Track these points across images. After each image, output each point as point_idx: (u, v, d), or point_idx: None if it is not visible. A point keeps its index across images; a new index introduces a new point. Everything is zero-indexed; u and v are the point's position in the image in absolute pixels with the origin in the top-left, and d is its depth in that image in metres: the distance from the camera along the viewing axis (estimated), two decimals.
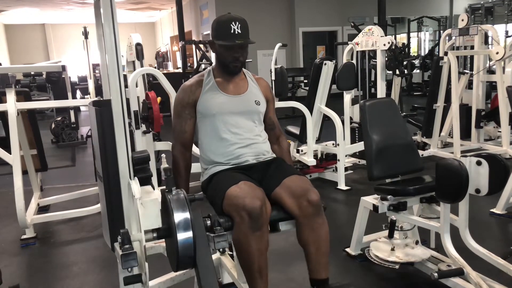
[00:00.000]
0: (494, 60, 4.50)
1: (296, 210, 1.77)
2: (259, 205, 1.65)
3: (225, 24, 1.90)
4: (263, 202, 1.68)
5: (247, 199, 1.65)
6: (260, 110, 2.04)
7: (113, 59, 1.29)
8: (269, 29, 10.47)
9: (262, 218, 1.66)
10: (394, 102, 2.72)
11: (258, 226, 1.65)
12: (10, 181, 3.25)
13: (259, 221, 1.65)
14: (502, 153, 4.50)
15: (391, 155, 2.39)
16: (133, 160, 1.40)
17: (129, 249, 1.29)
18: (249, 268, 1.72)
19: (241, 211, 1.64)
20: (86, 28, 6.31)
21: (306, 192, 1.77)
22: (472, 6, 11.88)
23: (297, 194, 1.78)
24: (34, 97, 7.36)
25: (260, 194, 1.71)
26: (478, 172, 1.99)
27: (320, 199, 1.78)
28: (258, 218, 1.65)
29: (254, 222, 1.64)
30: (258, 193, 1.71)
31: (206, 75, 2.02)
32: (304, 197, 1.76)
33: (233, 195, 1.69)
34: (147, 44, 15.75)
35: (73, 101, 5.97)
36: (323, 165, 4.40)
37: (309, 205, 1.75)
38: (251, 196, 1.66)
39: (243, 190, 1.69)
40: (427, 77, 11.12)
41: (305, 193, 1.77)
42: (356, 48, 4.33)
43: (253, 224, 1.64)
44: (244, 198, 1.65)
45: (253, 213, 1.63)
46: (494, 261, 2.10)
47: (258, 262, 1.70)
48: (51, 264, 2.90)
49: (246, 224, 1.64)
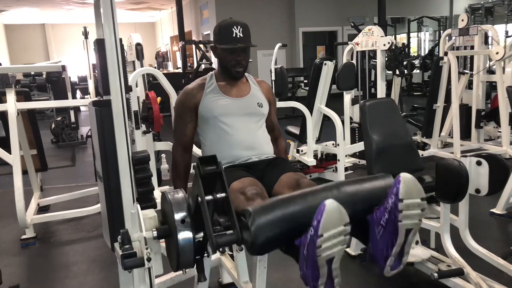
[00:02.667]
0: (494, 60, 4.50)
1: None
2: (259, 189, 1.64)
3: (227, 28, 1.90)
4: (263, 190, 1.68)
5: (247, 187, 1.63)
6: (263, 112, 2.04)
7: (113, 59, 1.29)
8: (269, 29, 10.47)
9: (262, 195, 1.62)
10: (394, 102, 2.72)
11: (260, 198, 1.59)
12: (10, 181, 3.26)
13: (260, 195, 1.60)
14: (502, 153, 4.50)
15: (391, 155, 2.39)
16: (133, 160, 1.39)
17: (129, 249, 1.29)
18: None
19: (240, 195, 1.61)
20: (86, 28, 6.30)
21: (297, 180, 1.75)
22: (472, 6, 11.89)
23: (292, 185, 1.76)
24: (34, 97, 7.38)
25: (260, 186, 1.71)
26: (478, 172, 2.00)
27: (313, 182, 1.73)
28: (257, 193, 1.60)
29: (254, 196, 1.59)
30: (258, 185, 1.71)
31: (208, 79, 2.02)
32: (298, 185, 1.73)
33: (235, 188, 1.68)
34: (147, 44, 15.74)
35: (73, 101, 5.96)
36: (323, 165, 4.40)
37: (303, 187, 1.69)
38: (253, 188, 1.64)
39: (245, 184, 1.69)
40: (427, 77, 11.12)
41: (297, 181, 1.74)
42: (356, 48, 4.33)
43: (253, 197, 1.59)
44: (245, 189, 1.63)
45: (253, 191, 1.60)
46: (494, 261, 2.10)
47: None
48: (51, 264, 2.90)
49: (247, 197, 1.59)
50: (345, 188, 1.36)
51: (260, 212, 1.25)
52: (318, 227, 1.17)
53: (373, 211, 1.34)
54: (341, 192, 1.34)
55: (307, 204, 1.29)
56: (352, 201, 1.34)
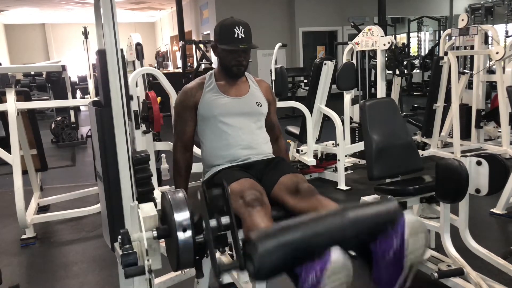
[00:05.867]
0: (494, 60, 4.50)
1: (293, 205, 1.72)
2: (258, 194, 1.63)
3: (229, 28, 1.90)
4: (262, 192, 1.67)
5: (246, 191, 1.63)
6: (262, 112, 2.04)
7: (113, 59, 1.29)
8: (269, 29, 10.46)
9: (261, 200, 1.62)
10: (394, 102, 2.72)
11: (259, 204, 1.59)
12: (10, 181, 3.26)
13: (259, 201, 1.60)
14: (502, 153, 4.50)
15: (391, 155, 2.39)
16: (133, 160, 1.40)
17: (129, 249, 1.29)
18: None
19: (239, 199, 1.61)
20: (86, 28, 6.30)
21: (297, 184, 1.74)
22: (472, 6, 11.87)
23: (291, 189, 1.75)
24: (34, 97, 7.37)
25: (259, 188, 1.70)
26: (478, 172, 2.00)
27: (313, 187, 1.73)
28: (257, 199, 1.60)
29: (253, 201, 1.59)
30: (258, 187, 1.70)
31: (208, 78, 2.02)
32: (296, 187, 1.72)
33: (234, 191, 1.67)
34: (147, 44, 15.74)
35: (73, 101, 5.97)
36: (323, 165, 4.40)
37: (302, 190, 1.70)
38: (252, 190, 1.64)
39: (243, 186, 1.68)
40: (427, 77, 11.12)
41: (297, 185, 1.73)
42: (356, 48, 4.33)
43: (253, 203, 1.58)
44: (244, 192, 1.63)
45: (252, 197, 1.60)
46: (494, 261, 2.10)
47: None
48: (51, 264, 2.90)
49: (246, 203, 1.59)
50: (349, 215, 1.35)
51: (263, 241, 1.24)
52: (321, 277, 1.19)
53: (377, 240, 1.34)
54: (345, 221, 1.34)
55: (311, 235, 1.29)
56: (356, 230, 1.35)
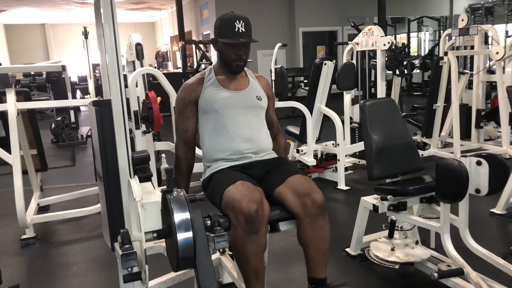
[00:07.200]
0: (494, 60, 4.50)
1: (299, 209, 1.76)
2: (255, 208, 1.64)
3: (229, 22, 1.90)
4: (260, 205, 1.67)
5: (244, 203, 1.64)
6: (262, 105, 2.05)
7: (113, 59, 1.29)
8: (269, 29, 10.46)
9: (258, 222, 1.66)
10: (394, 102, 2.73)
11: (254, 230, 1.65)
12: (10, 181, 3.26)
13: (255, 225, 1.65)
14: (502, 153, 4.50)
15: (391, 155, 2.39)
16: (133, 160, 1.39)
17: (129, 249, 1.29)
18: (245, 269, 1.72)
19: (238, 214, 1.64)
20: (86, 28, 6.31)
21: (311, 191, 1.76)
22: (472, 6, 11.87)
23: (301, 193, 1.76)
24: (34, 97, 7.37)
25: (257, 196, 1.69)
26: (478, 172, 2.00)
27: (324, 201, 1.77)
28: (254, 221, 1.64)
29: (250, 225, 1.63)
30: (255, 194, 1.70)
31: (207, 73, 2.03)
32: (309, 197, 1.75)
33: (230, 197, 1.68)
34: (147, 44, 15.75)
35: (73, 101, 5.95)
36: (323, 165, 4.39)
37: (313, 206, 1.74)
38: (248, 198, 1.65)
39: (240, 191, 1.68)
40: (427, 77, 11.12)
41: (310, 192, 1.76)
42: (356, 48, 4.32)
43: (249, 227, 1.63)
44: (241, 201, 1.64)
45: (250, 217, 1.63)
46: (494, 261, 2.10)
47: (254, 264, 1.69)
48: (51, 264, 2.90)
49: (242, 227, 1.64)
50: None
51: None
52: None
53: None
54: None
55: None
56: None
